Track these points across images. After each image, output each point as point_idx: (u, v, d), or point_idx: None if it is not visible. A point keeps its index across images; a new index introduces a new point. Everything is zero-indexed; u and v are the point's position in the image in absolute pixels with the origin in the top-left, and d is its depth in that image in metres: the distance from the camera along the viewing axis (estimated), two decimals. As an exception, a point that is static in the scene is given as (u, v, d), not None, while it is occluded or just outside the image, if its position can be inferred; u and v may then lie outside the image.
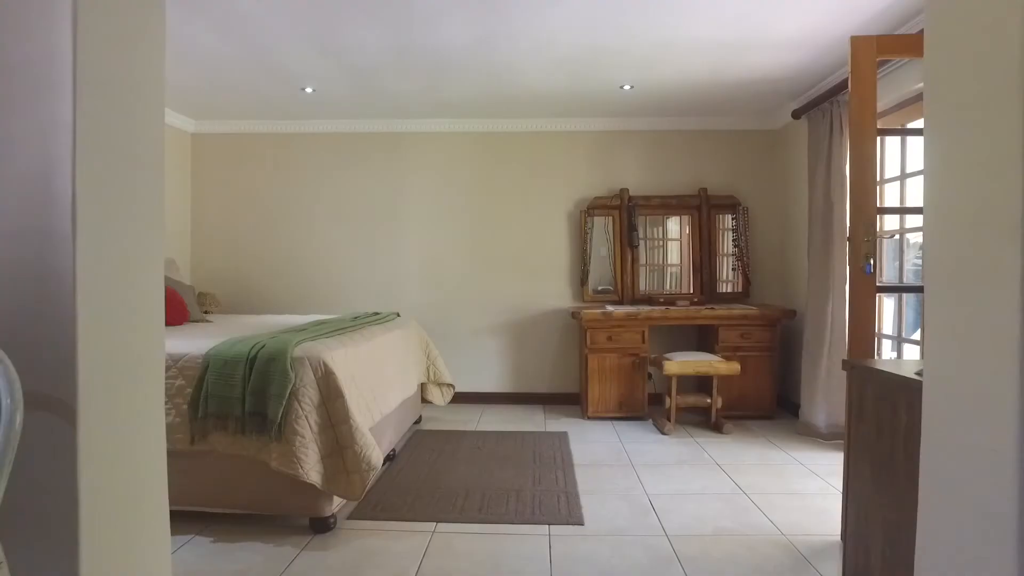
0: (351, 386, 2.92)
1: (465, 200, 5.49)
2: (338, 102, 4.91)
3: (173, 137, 5.36)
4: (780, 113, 5.19)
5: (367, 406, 3.15)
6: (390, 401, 3.59)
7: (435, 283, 5.50)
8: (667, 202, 5.39)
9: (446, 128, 5.45)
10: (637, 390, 4.87)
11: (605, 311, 4.83)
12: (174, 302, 3.87)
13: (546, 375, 5.48)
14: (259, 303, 5.54)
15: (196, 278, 5.57)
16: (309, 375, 2.70)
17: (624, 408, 4.87)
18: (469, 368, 5.48)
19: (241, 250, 5.57)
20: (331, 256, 5.53)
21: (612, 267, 5.42)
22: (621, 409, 4.87)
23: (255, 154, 5.55)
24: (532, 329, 5.48)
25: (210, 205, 5.58)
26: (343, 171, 5.52)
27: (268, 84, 4.47)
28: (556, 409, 5.28)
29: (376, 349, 3.48)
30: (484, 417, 5.02)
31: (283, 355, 2.68)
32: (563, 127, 5.43)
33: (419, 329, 4.65)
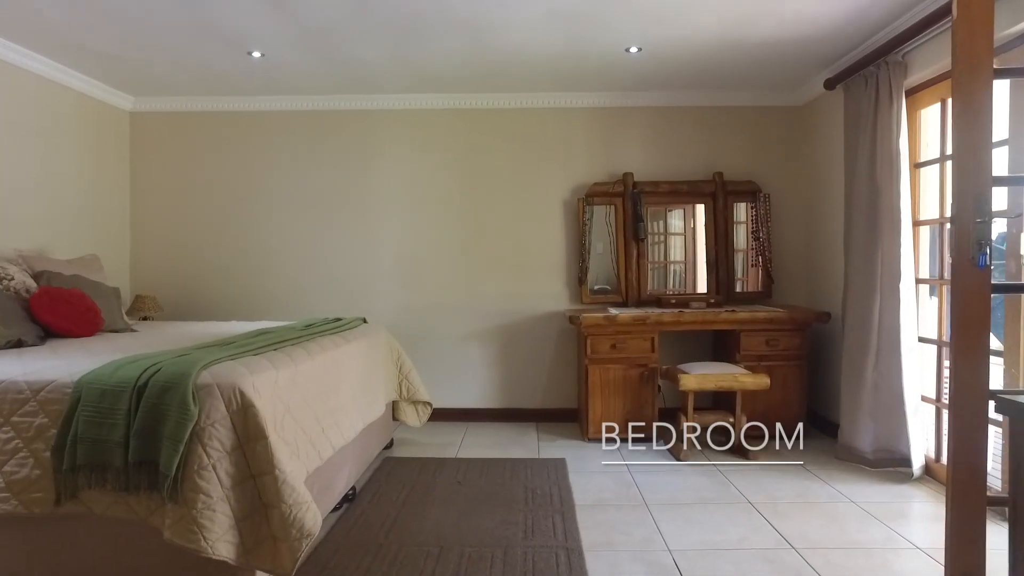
0: (282, 421, 2.21)
1: (445, 188, 4.78)
2: (293, 72, 4.18)
3: (107, 115, 4.62)
4: (807, 86, 4.51)
5: (310, 442, 2.44)
6: (347, 430, 2.88)
7: (411, 283, 4.78)
8: (677, 188, 4.70)
9: (422, 104, 4.74)
10: (646, 407, 4.17)
11: (608, 315, 4.13)
12: (80, 308, 3.14)
13: (539, 389, 4.78)
14: (208, 307, 4.80)
15: (136, 278, 4.83)
16: (219, 409, 1.98)
17: (631, 427, 4.17)
18: (450, 381, 4.77)
19: (188, 246, 4.83)
20: (291, 253, 4.81)
21: (614, 263, 4.72)
22: (627, 429, 4.18)
23: (203, 136, 4.81)
24: (523, 336, 4.77)
25: (152, 194, 4.84)
26: (304, 156, 4.79)
27: (209, 48, 3.74)
28: (551, 428, 4.58)
29: (328, 366, 2.77)
30: (468, 439, 4.32)
31: (182, 382, 1.97)
32: (558, 102, 4.73)
33: (389, 338, 3.94)
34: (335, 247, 4.79)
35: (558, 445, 4.15)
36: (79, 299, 3.16)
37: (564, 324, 4.76)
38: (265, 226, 4.81)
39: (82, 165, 4.36)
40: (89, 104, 4.42)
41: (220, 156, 4.82)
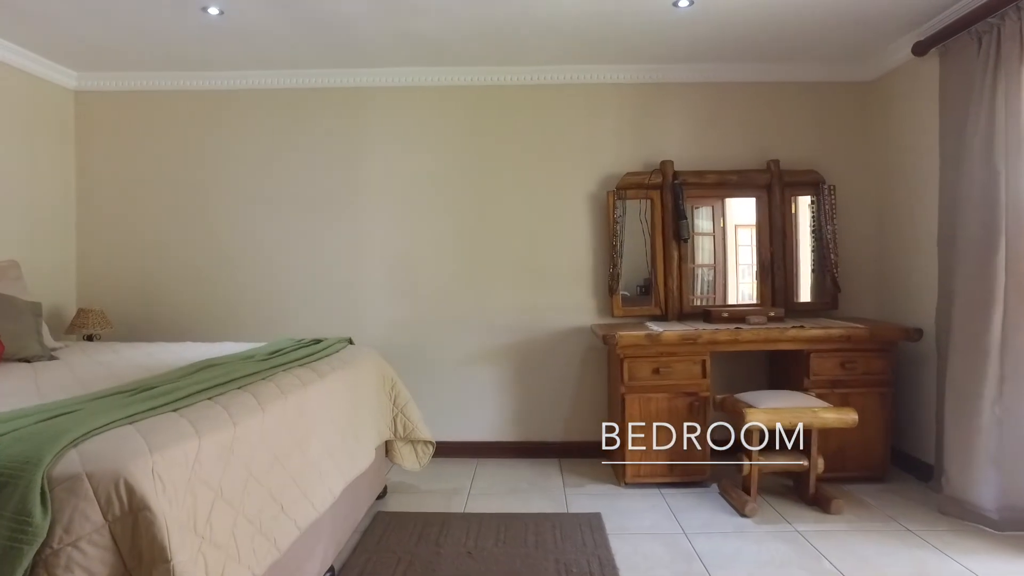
0: (209, 516, 1.44)
1: (448, 180, 4.01)
2: (261, 37, 3.43)
3: (47, 95, 3.86)
4: (883, 55, 3.75)
5: (261, 532, 1.67)
6: (320, 497, 2.12)
7: (408, 294, 4.02)
8: (725, 179, 3.94)
9: (422, 81, 3.98)
10: (696, 444, 3.41)
11: (650, 332, 3.37)
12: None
13: (562, 418, 4.01)
14: (164, 323, 4.03)
15: (84, 288, 4.07)
16: (90, 516, 1.22)
17: (678, 470, 3.41)
18: (456, 410, 4.00)
19: (142, 250, 4.07)
20: (263, 258, 4.04)
21: (651, 269, 3.96)
22: (674, 472, 3.41)
23: (160, 120, 4.05)
24: (542, 355, 4.01)
25: (102, 189, 4.08)
26: (279, 143, 4.03)
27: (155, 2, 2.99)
28: (578, 466, 3.81)
29: (291, 415, 2.01)
30: (478, 482, 3.55)
31: (24, 474, 1.20)
32: (583, 77, 3.97)
33: (380, 364, 3.17)
34: (316, 251, 4.03)
35: (589, 492, 3.38)
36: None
37: (591, 341, 3.99)
38: (233, 226, 4.04)
39: (13, 153, 3.60)
40: (22, 80, 3.66)
41: (181, 144, 4.05)
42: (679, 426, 3.39)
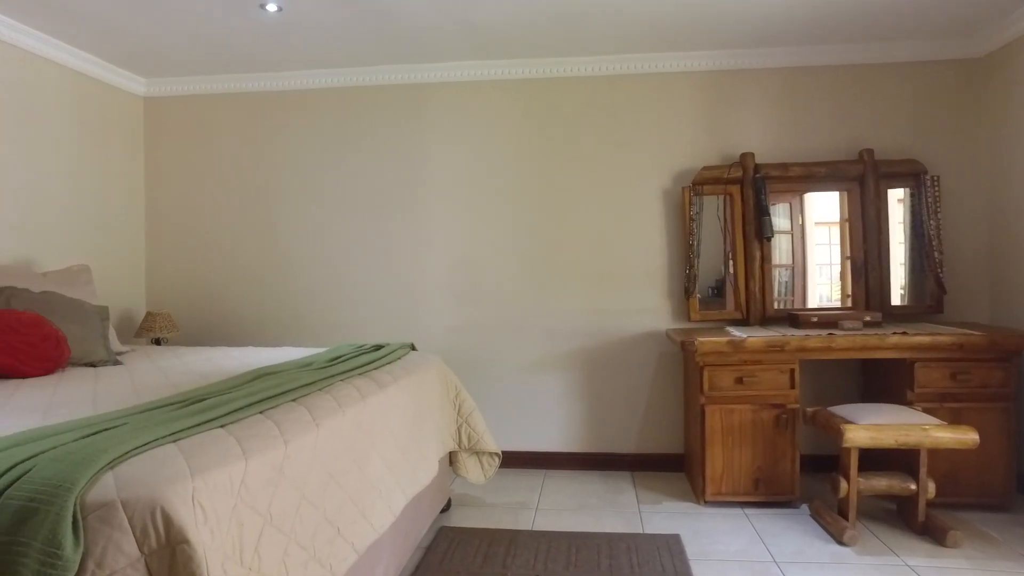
0: (257, 544, 1.31)
1: (512, 178, 3.84)
2: (319, 33, 3.34)
3: (119, 102, 3.91)
4: (995, 27, 3.35)
5: (315, 558, 1.53)
6: (380, 516, 1.97)
7: (471, 297, 3.86)
8: (812, 172, 3.61)
9: (484, 75, 3.82)
10: (784, 461, 3.11)
11: (733, 338, 3.10)
12: (32, 337, 2.35)
13: (634, 429, 3.77)
14: (227, 326, 4.02)
15: (152, 292, 4.11)
16: (124, 549, 1.09)
17: (763, 488, 3.12)
18: (521, 419, 3.82)
19: (207, 254, 4.07)
20: (325, 261, 3.97)
21: (730, 269, 3.68)
22: (758, 490, 3.13)
23: (224, 123, 4.04)
24: (612, 362, 3.78)
25: (169, 194, 4.11)
26: (341, 143, 3.96)
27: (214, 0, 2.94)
28: (652, 481, 3.56)
29: (350, 429, 1.87)
30: (546, 496, 3.36)
31: (55, 501, 1.09)
32: (654, 66, 3.73)
33: (444, 370, 3.02)
34: (377, 253, 3.93)
35: (666, 510, 3.14)
36: (32, 325, 2.38)
37: (666, 347, 3.74)
38: (294, 229, 3.99)
39: (86, 160, 3.64)
40: (95, 88, 3.71)
41: (242, 146, 4.04)
42: (764, 440, 3.11)
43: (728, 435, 3.13)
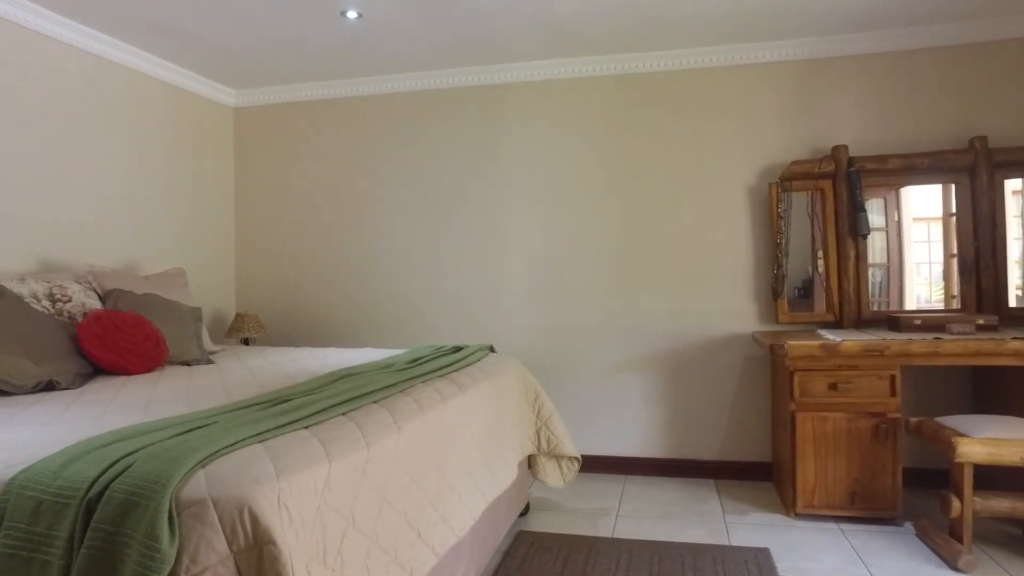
0: (340, 546, 1.31)
1: (590, 177, 3.77)
2: (398, 38, 3.38)
3: (211, 113, 4.10)
4: None
5: (396, 561, 1.53)
6: (460, 519, 1.96)
7: (549, 298, 3.82)
8: (913, 163, 3.36)
9: (561, 73, 3.77)
10: (883, 474, 2.90)
11: (826, 341, 2.92)
12: (135, 337, 2.48)
13: (718, 435, 3.63)
14: (314, 328, 4.14)
15: (242, 294, 4.28)
16: (215, 547, 1.11)
17: (861, 502, 2.92)
18: (600, 423, 3.75)
19: (292, 257, 4.21)
20: (405, 263, 4.02)
21: (818, 269, 3.48)
22: (855, 504, 2.93)
23: (308, 130, 4.17)
24: (695, 365, 3.65)
25: (256, 199, 4.27)
26: (419, 146, 4.00)
27: (297, 9, 3.02)
28: (737, 490, 3.41)
29: (430, 432, 1.86)
30: (626, 502, 3.27)
31: (154, 497, 1.12)
32: (736, 58, 3.57)
33: (523, 373, 2.99)
34: (456, 254, 3.94)
35: (753, 521, 2.99)
36: (136, 325, 2.51)
37: (752, 350, 3.57)
38: (375, 231, 4.07)
39: (182, 169, 3.84)
40: (189, 100, 3.90)
41: (324, 152, 4.15)
42: (862, 451, 2.91)
43: (821, 444, 2.95)
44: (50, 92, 3.06)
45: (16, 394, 2.10)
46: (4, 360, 2.12)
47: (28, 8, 2.89)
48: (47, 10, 2.95)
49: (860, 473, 2.92)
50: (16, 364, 2.14)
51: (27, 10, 2.89)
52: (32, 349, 2.22)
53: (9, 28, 2.87)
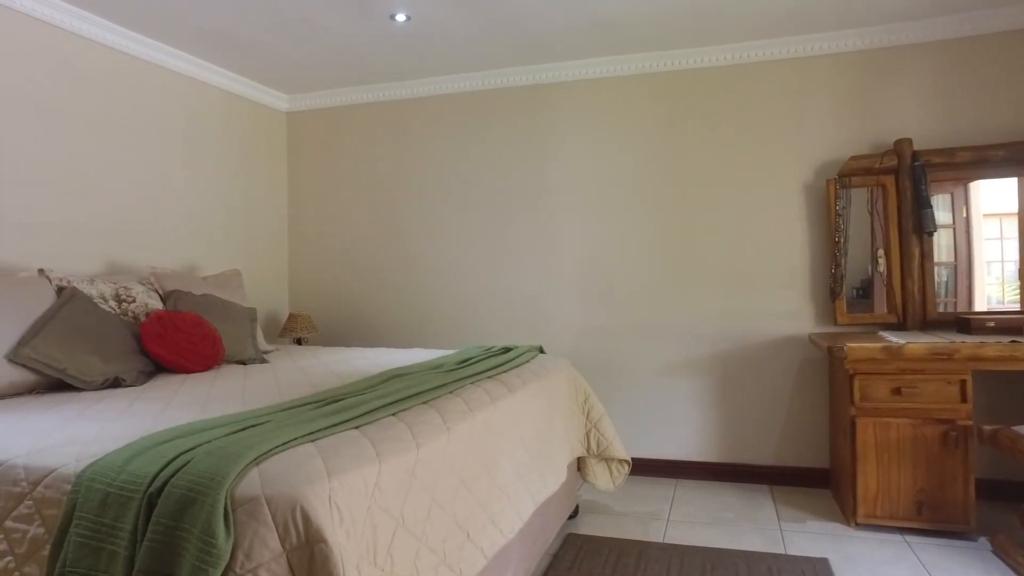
0: (389, 546, 1.31)
1: (639, 176, 3.72)
2: (446, 40, 3.40)
3: (265, 119, 4.21)
4: None
5: (444, 562, 1.53)
6: (508, 522, 1.95)
7: (599, 299, 3.78)
8: (986, 156, 3.19)
9: (610, 71, 3.73)
10: (954, 484, 2.76)
11: (888, 344, 2.79)
12: (194, 336, 2.55)
13: (773, 440, 3.52)
14: (364, 328, 4.20)
15: (294, 294, 4.38)
16: (268, 544, 1.13)
17: (928, 514, 2.79)
18: (650, 425, 3.69)
19: (343, 258, 4.28)
20: (453, 263, 4.04)
21: (881, 268, 3.34)
22: (922, 516, 2.79)
23: (358, 133, 4.23)
24: (748, 368, 3.55)
25: (308, 202, 4.36)
26: (467, 147, 4.01)
27: (346, 13, 3.07)
28: (793, 496, 3.30)
29: (480, 433, 1.86)
30: (678, 507, 3.21)
31: (210, 493, 1.14)
32: (793, 51, 3.46)
33: (573, 374, 2.96)
34: (505, 255, 3.94)
35: (811, 530, 2.89)
36: (195, 325, 2.59)
37: (808, 352, 3.46)
38: (423, 232, 4.10)
39: (237, 173, 3.95)
40: (244, 107, 4.01)
41: (373, 154, 4.20)
42: (929, 459, 2.78)
43: (884, 451, 2.83)
44: (117, 103, 3.19)
45: (86, 390, 2.20)
46: (77, 358, 2.21)
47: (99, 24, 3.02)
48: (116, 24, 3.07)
49: (927, 483, 2.78)
50: (87, 362, 2.23)
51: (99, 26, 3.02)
52: (100, 347, 2.31)
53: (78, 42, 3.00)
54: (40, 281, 2.41)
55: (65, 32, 2.94)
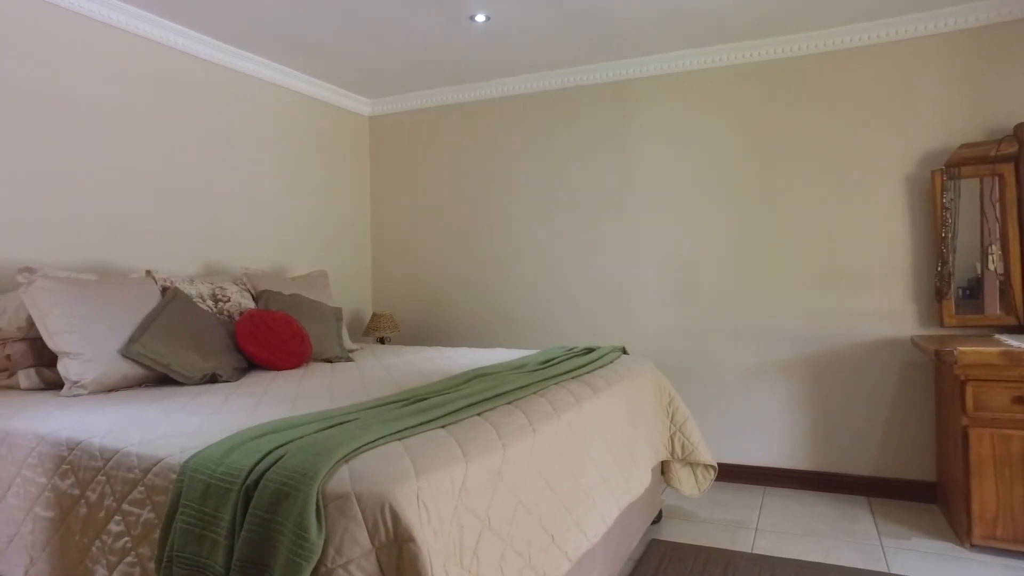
0: (475, 547, 1.30)
1: (730, 172, 3.58)
2: (525, 38, 3.38)
3: (349, 123, 4.33)
4: None
5: (529, 565, 1.51)
6: (592, 525, 1.91)
7: (683, 299, 3.67)
8: (1119, 142, 2.89)
9: (693, 64, 3.61)
10: (1084, 502, 2.51)
11: (1008, 348, 2.57)
12: (283, 335, 2.64)
13: (871, 449, 3.31)
14: (445, 328, 4.25)
15: (377, 295, 4.48)
16: (358, 540, 1.14)
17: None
18: (738, 429, 3.54)
19: (424, 258, 4.34)
20: (535, 263, 4.02)
21: (991, 266, 3.07)
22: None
23: (437, 135, 4.28)
24: (842, 371, 3.35)
25: (390, 204, 4.45)
26: (547, 146, 3.98)
27: (426, 17, 3.10)
28: (894, 510, 3.10)
29: (566, 435, 1.83)
30: (766, 516, 3.07)
31: (303, 488, 1.16)
32: (894, 33, 3.24)
33: (657, 375, 2.88)
34: (586, 254, 3.89)
35: (917, 549, 2.69)
36: (284, 324, 2.68)
37: (910, 355, 3.23)
38: (505, 233, 4.10)
39: (323, 177, 4.09)
40: (329, 112, 4.15)
41: (454, 155, 4.24)
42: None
43: (1004, 466, 2.60)
44: (213, 114, 3.35)
45: (186, 384, 2.31)
46: (179, 354, 2.33)
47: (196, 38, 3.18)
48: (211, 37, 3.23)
49: (1051, 500, 2.54)
50: (188, 358, 2.34)
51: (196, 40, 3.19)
52: (199, 344, 2.43)
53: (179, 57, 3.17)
54: (147, 282, 2.56)
55: (168, 48, 3.11)
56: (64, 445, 1.58)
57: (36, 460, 1.61)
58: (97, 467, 1.50)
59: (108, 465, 1.48)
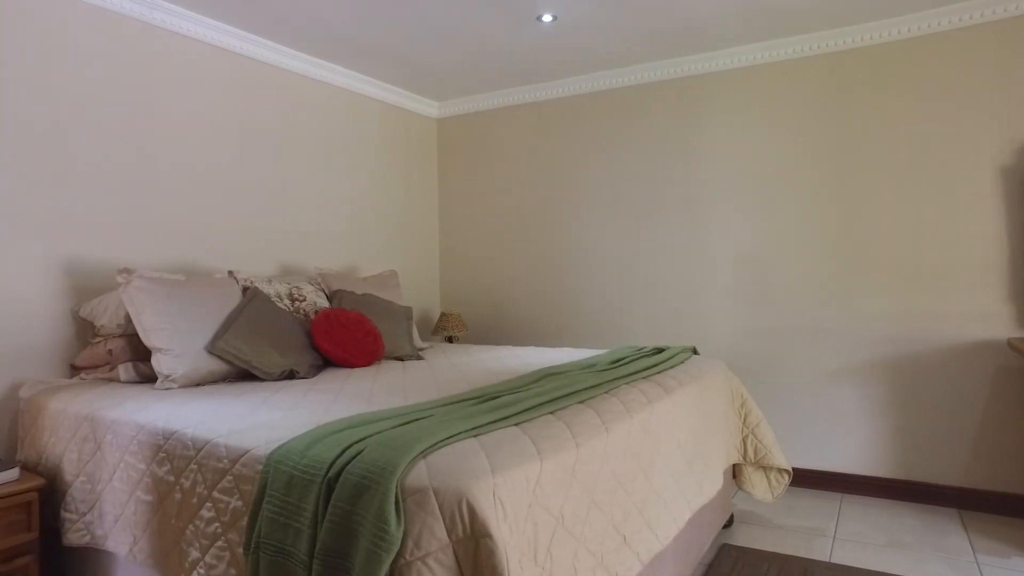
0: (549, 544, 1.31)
1: (805, 167, 3.46)
2: (591, 37, 3.36)
3: (418, 126, 4.42)
4: None
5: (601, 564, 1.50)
6: (664, 528, 1.88)
7: (754, 298, 3.57)
8: None
9: (764, 57, 3.51)
10: None
11: (1117, 352, 2.38)
12: (356, 333, 2.72)
13: (961, 457, 3.13)
14: (512, 327, 4.27)
15: (445, 294, 4.56)
16: (436, 534, 1.16)
17: None
18: (814, 433, 3.42)
19: (491, 258, 4.38)
20: (603, 263, 4.00)
21: (1106, 263, 2.85)
22: None
23: (505, 135, 4.31)
24: (928, 375, 3.19)
25: (458, 204, 4.52)
26: (615, 145, 3.95)
27: (492, 18, 3.13)
28: (991, 525, 2.92)
29: (638, 434, 1.81)
30: (844, 524, 2.95)
31: (382, 482, 1.20)
32: (991, 13, 3.05)
33: (729, 377, 2.82)
34: (655, 253, 3.84)
35: (1016, 568, 2.53)
36: (357, 323, 2.76)
37: (1006, 359, 3.04)
38: (572, 232, 4.09)
39: (393, 178, 4.19)
40: (399, 115, 4.25)
41: (522, 156, 4.26)
42: None
43: (1111, 477, 2.42)
44: (290, 121, 3.49)
45: (266, 380, 2.41)
46: (259, 351, 2.44)
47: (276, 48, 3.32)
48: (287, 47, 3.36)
49: None
50: (268, 355, 2.45)
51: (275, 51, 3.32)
52: (278, 342, 2.53)
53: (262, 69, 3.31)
54: (229, 282, 2.69)
55: (246, 59, 3.26)
56: (160, 434, 1.68)
57: (136, 447, 1.72)
58: (190, 456, 1.59)
59: (200, 455, 1.56)
